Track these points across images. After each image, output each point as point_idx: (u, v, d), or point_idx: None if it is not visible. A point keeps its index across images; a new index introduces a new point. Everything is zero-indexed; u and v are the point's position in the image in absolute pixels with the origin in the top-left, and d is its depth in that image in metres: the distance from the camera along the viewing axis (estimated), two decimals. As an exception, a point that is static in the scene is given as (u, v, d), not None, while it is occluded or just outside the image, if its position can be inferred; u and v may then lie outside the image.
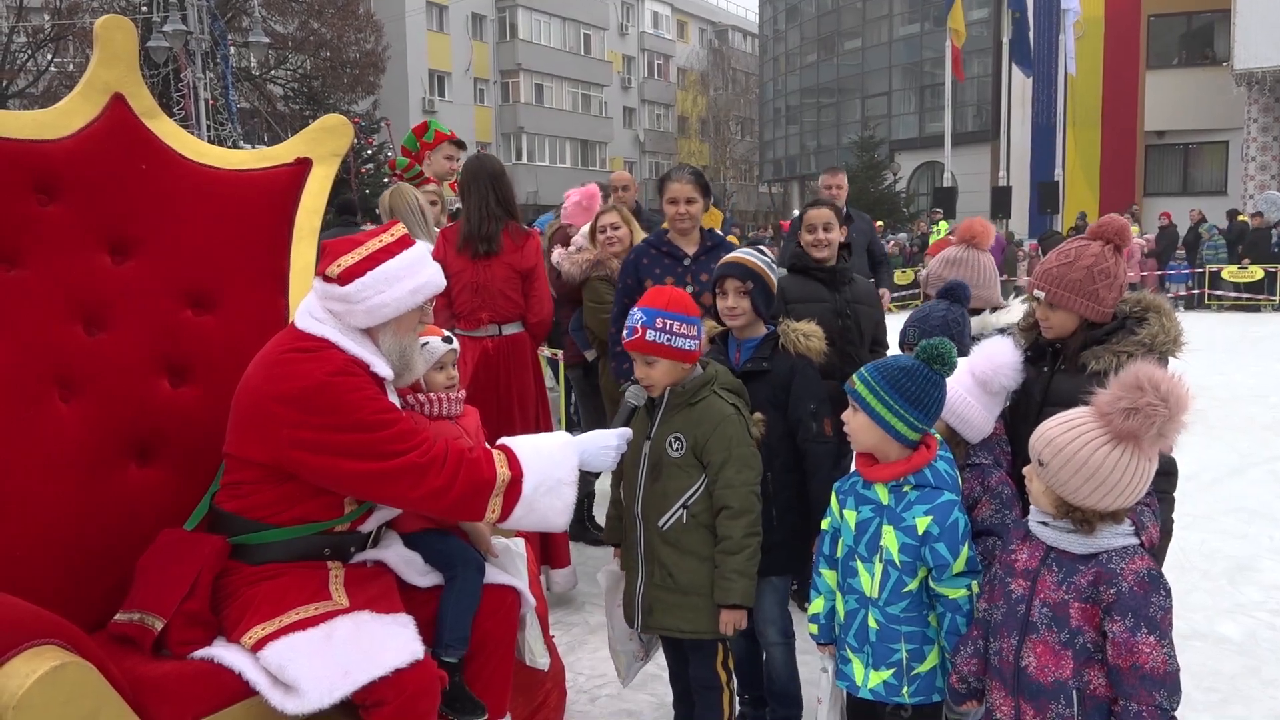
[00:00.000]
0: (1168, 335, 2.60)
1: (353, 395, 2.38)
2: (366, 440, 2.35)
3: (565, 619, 4.44)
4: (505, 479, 2.45)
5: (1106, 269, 2.61)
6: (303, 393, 2.36)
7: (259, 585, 2.44)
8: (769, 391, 3.05)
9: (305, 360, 2.41)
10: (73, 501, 2.53)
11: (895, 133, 42.07)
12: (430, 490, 2.37)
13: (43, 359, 2.55)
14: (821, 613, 2.64)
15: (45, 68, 29.50)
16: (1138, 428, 2.01)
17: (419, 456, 2.36)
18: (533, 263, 4.36)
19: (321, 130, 3.26)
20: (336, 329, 2.48)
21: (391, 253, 2.50)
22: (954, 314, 2.97)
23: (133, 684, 2.20)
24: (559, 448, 2.59)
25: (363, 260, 2.46)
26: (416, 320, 2.60)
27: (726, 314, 3.12)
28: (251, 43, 23.34)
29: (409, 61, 38.42)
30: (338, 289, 2.45)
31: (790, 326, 3.12)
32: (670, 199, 4.14)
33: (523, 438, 2.63)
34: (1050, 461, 2.09)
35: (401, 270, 2.49)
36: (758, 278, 3.07)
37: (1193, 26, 29.64)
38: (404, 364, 2.58)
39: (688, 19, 55.94)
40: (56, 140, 2.67)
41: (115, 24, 2.84)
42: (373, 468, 2.35)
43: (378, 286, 2.45)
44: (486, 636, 2.70)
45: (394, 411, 2.46)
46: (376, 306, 2.47)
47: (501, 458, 2.49)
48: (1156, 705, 2.01)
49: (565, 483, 2.56)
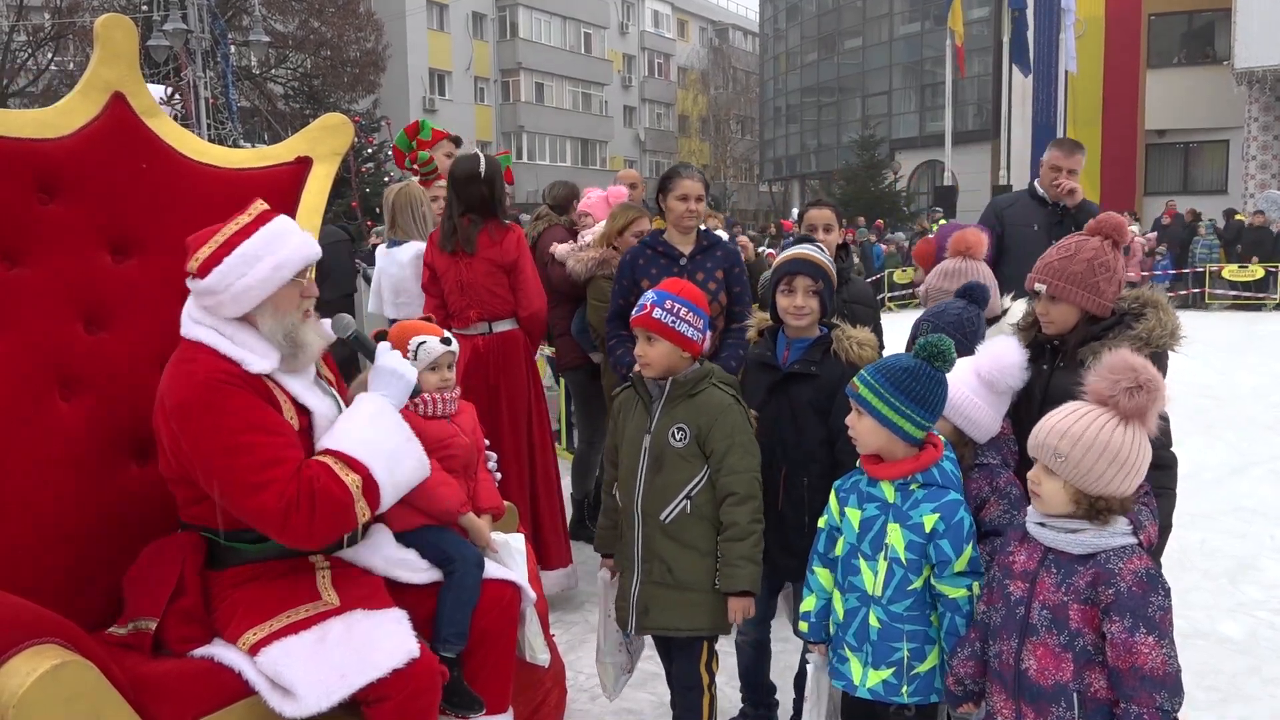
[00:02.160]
0: (1164, 329, 2.65)
1: (217, 412, 2.30)
2: (228, 465, 2.28)
3: (565, 618, 4.44)
4: (357, 484, 2.38)
5: (1106, 262, 2.68)
6: (176, 409, 2.32)
7: (245, 587, 2.44)
8: (813, 395, 2.97)
9: (180, 374, 2.36)
10: (73, 500, 2.53)
11: (895, 132, 42.05)
12: (296, 532, 2.31)
13: (43, 358, 2.55)
14: (813, 611, 2.63)
15: (45, 66, 29.47)
16: (1145, 403, 2.07)
17: (275, 499, 2.26)
18: (514, 257, 4.33)
19: (322, 129, 3.26)
20: (213, 327, 2.41)
21: (247, 233, 2.40)
22: (969, 313, 2.96)
23: (133, 683, 2.20)
24: (373, 417, 2.51)
25: (219, 248, 2.37)
26: (297, 296, 2.48)
27: (793, 313, 3.01)
28: (252, 41, 23.32)
29: (409, 60, 38.42)
30: (201, 283, 2.37)
31: (846, 334, 3.02)
32: (682, 195, 4.12)
33: (337, 428, 2.48)
34: (1070, 452, 2.08)
35: (259, 248, 2.39)
36: (826, 276, 3.02)
37: (1193, 25, 29.61)
38: (293, 344, 2.46)
39: (688, 18, 55.91)
40: (57, 139, 2.67)
41: (115, 23, 2.84)
42: (238, 503, 2.30)
43: (237, 270, 2.36)
44: (486, 632, 2.70)
45: (259, 432, 2.33)
46: (241, 291, 2.37)
47: (340, 465, 2.38)
48: (1157, 707, 2.00)
49: (402, 440, 2.52)
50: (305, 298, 2.52)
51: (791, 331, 3.07)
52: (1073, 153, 5.11)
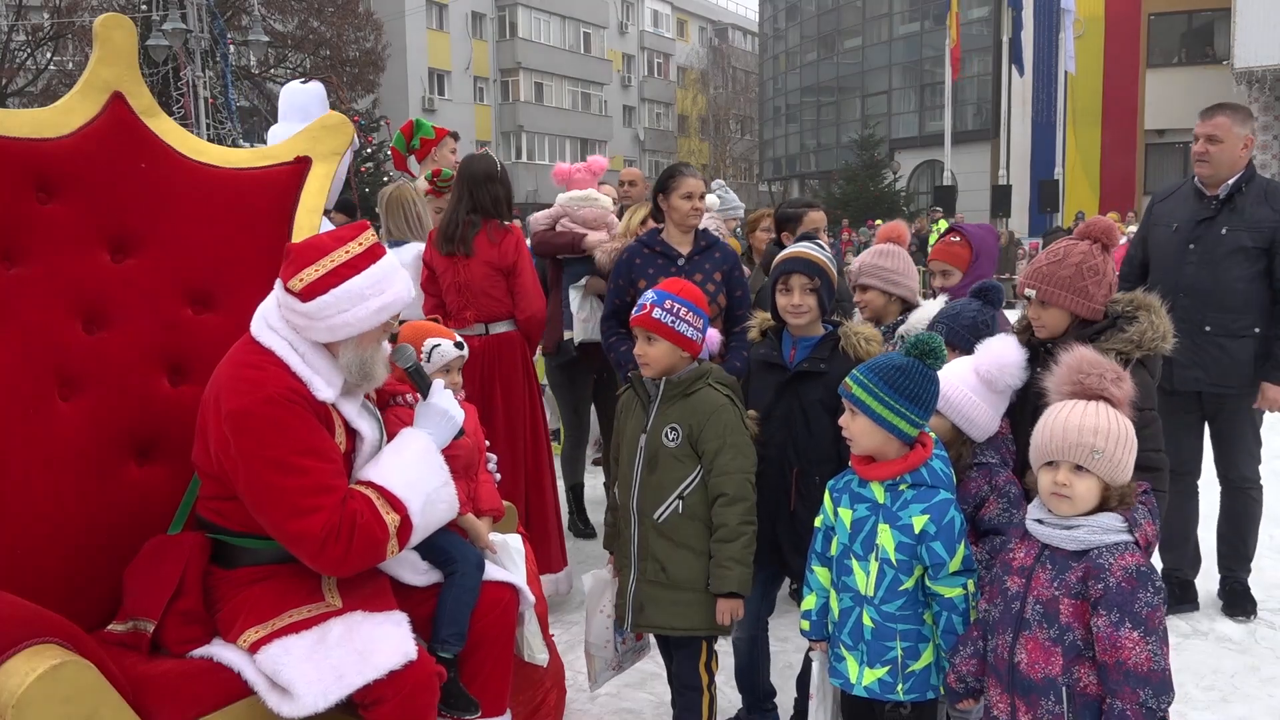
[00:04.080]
0: (1156, 332, 2.68)
1: (277, 429, 2.28)
2: (278, 485, 2.27)
3: (565, 618, 4.44)
4: (395, 523, 2.37)
5: (1095, 265, 2.72)
6: (232, 415, 2.29)
7: (251, 588, 2.44)
8: (823, 394, 2.95)
9: (244, 379, 2.33)
10: (73, 500, 2.53)
11: (895, 131, 42.09)
12: (329, 561, 2.30)
13: (42, 358, 2.55)
14: (814, 609, 2.65)
15: (44, 66, 29.50)
16: (1130, 389, 2.19)
17: (319, 527, 2.25)
18: (512, 259, 4.31)
19: (321, 128, 3.25)
20: (289, 342, 2.39)
21: (357, 268, 2.37)
22: (985, 315, 2.98)
23: (132, 682, 2.20)
24: (420, 456, 2.51)
25: (327, 275, 2.34)
26: (381, 334, 2.49)
27: (791, 311, 3.01)
28: (251, 41, 23.34)
29: (409, 60, 38.42)
30: (299, 304, 2.34)
31: (852, 329, 3.02)
32: (686, 193, 4.09)
33: (384, 462, 2.47)
34: (1105, 447, 2.10)
35: (367, 288, 2.37)
36: (824, 274, 3.01)
37: (1193, 25, 29.65)
38: (363, 375, 2.46)
39: (687, 17, 55.91)
40: (56, 139, 2.67)
41: (115, 22, 2.83)
42: (278, 523, 2.29)
43: (340, 305, 2.34)
44: (484, 633, 2.69)
45: (314, 456, 2.32)
46: (338, 325, 2.36)
47: (383, 503, 2.38)
48: (1141, 703, 2.00)
49: (441, 484, 2.52)
50: (387, 333, 2.53)
51: (796, 330, 3.06)
52: (1211, 115, 4.06)
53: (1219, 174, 4.03)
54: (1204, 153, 4.03)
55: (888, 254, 3.53)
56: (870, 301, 3.51)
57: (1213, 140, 4.01)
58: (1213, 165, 4.03)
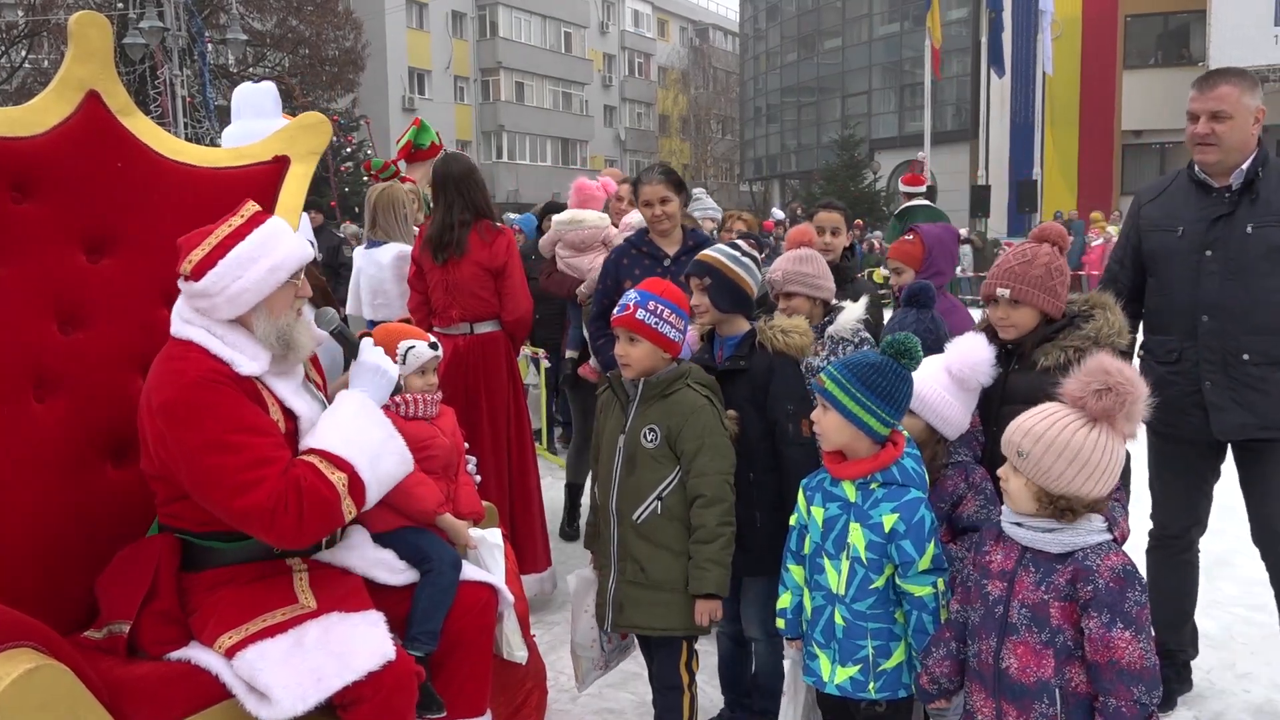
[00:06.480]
0: (1112, 328, 2.76)
1: (207, 411, 2.28)
2: (216, 465, 2.26)
3: (546, 618, 4.44)
4: (343, 481, 2.37)
5: (1060, 266, 2.83)
6: (162, 407, 2.30)
7: (220, 590, 2.43)
8: (748, 390, 3.01)
9: (167, 372, 2.34)
10: (48, 501, 2.50)
11: (875, 131, 42.24)
12: (284, 531, 2.30)
13: (17, 358, 2.52)
14: (789, 608, 2.67)
15: (19, 64, 29.21)
16: (1112, 405, 2.07)
17: (265, 498, 2.25)
18: (503, 261, 4.30)
19: (299, 128, 3.23)
20: (204, 327, 2.39)
21: (241, 235, 2.39)
22: (925, 320, 3.13)
23: (110, 686, 2.18)
24: (355, 412, 2.50)
25: (212, 250, 2.36)
26: (291, 296, 2.47)
27: (694, 311, 3.07)
28: (229, 40, 23.21)
29: (389, 59, 38.27)
30: (194, 285, 2.36)
31: (768, 324, 3.08)
32: (644, 201, 4.09)
33: (320, 427, 2.47)
34: (1031, 450, 2.10)
35: (254, 250, 2.38)
36: (715, 273, 3.04)
37: (1169, 27, 29.91)
38: (285, 344, 2.44)
39: (668, 17, 55.97)
40: (30, 137, 2.63)
41: (90, 20, 2.80)
42: (224, 503, 2.27)
43: (232, 274, 2.35)
44: (463, 633, 2.69)
45: (248, 432, 2.32)
46: (236, 294, 2.36)
47: (326, 464, 2.37)
48: (1135, 700, 2.02)
49: (385, 437, 2.51)
50: (299, 298, 2.51)
51: (719, 330, 3.14)
52: (1213, 85, 3.11)
53: (1228, 159, 3.12)
54: (1208, 134, 3.11)
55: (807, 259, 3.53)
56: (797, 308, 3.47)
57: (1218, 118, 3.08)
58: (1221, 149, 3.11)
